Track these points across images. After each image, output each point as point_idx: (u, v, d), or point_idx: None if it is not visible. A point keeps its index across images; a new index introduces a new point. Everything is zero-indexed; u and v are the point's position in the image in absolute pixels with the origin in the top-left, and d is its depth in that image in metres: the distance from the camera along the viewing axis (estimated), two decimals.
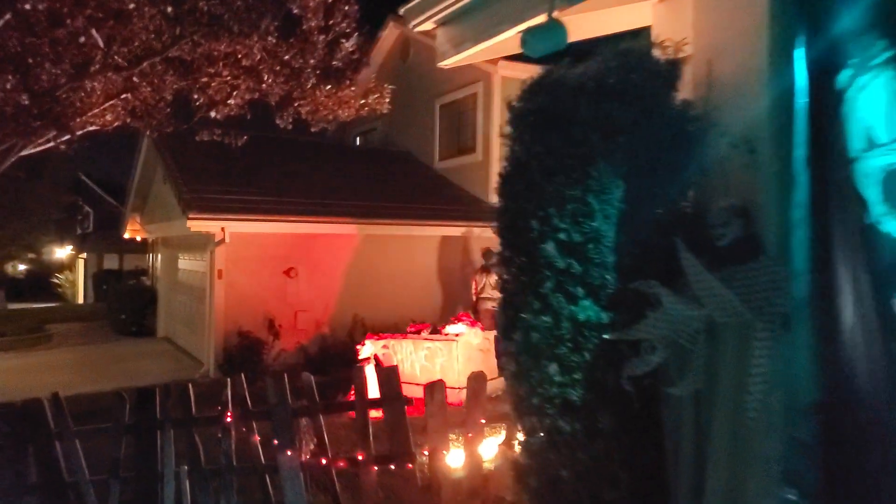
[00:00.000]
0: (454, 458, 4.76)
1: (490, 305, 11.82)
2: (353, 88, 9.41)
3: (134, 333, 15.42)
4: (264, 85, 8.78)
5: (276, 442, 4.68)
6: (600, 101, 2.86)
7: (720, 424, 2.62)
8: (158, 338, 15.17)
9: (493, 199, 11.98)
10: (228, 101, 9.18)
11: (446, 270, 12.89)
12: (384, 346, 8.49)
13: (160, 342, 14.69)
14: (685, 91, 3.08)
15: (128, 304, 15.99)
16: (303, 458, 4.76)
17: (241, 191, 11.66)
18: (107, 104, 8.71)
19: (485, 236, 13.13)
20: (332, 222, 11.65)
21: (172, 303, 14.90)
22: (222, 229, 10.64)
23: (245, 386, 4.78)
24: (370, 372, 8.15)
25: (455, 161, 15.19)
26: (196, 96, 9.13)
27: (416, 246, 12.61)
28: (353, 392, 8.15)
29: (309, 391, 4.73)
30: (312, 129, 10.10)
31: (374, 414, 4.66)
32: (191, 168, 12.24)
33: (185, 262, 13.87)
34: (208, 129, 9.89)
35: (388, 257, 12.28)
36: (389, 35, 17.45)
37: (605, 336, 2.96)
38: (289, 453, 4.66)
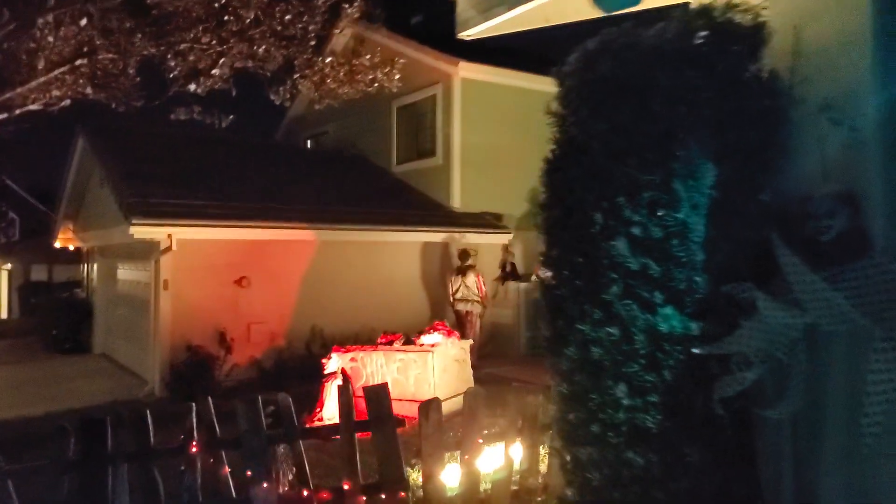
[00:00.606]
0: (451, 480, 4.28)
1: (465, 308, 11.50)
2: (366, 57, 8.46)
3: (67, 350, 14.27)
4: (262, 50, 7.59)
5: (248, 473, 4.09)
6: (683, 68, 2.41)
7: (830, 454, 2.20)
8: (95, 354, 14.11)
9: (456, 203, 11.54)
10: (213, 72, 7.88)
11: (411, 277, 12.37)
12: (352, 360, 7.91)
13: (97, 359, 13.64)
14: (767, 61, 2.67)
15: (60, 318, 14.81)
16: (280, 491, 4.19)
17: (188, 195, 10.89)
18: (56, 72, 7.31)
19: (449, 242, 12.73)
20: (287, 227, 10.99)
21: (111, 316, 13.89)
22: (169, 236, 9.86)
23: (213, 411, 4.17)
24: (333, 390, 7.67)
25: (414, 165, 14.71)
26: (173, 63, 7.82)
27: (378, 252, 12.05)
28: (318, 409, 7.63)
29: (286, 414, 4.15)
30: (316, 106, 8.89)
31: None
32: (132, 171, 11.41)
33: (125, 273, 12.93)
34: (185, 106, 8.51)
35: (347, 264, 11.69)
36: (341, 37, 16.86)
37: (694, 350, 2.47)
38: (264, 486, 4.08)
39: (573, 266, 2.63)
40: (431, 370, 7.28)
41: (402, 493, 4.05)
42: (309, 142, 18.86)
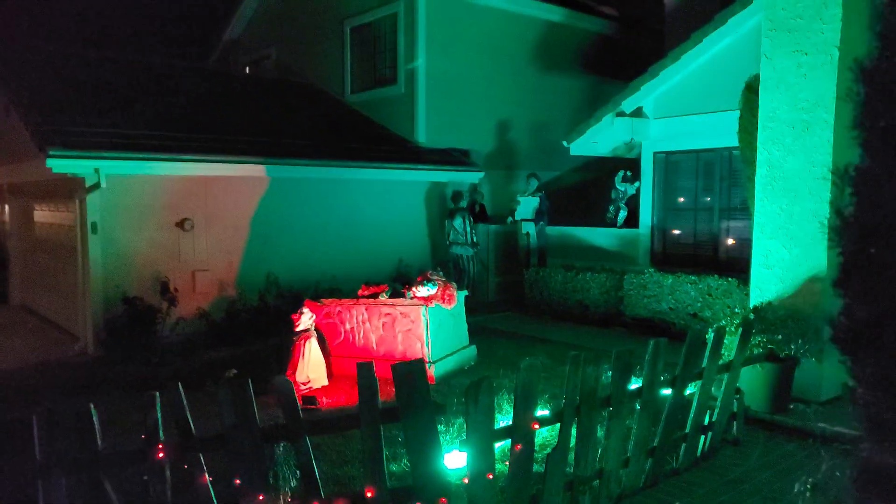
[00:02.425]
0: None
1: (455, 252, 10.69)
2: None
3: None
4: None
5: (237, 482, 3.08)
6: None
7: None
8: (13, 306, 12.51)
9: (420, 138, 10.44)
10: None
11: (374, 221, 11.22)
12: (327, 315, 6.86)
13: (16, 312, 12.07)
14: None
15: None
16: None
17: (117, 123, 9.34)
18: None
19: (419, 181, 11.61)
20: (234, 162, 9.63)
21: (30, 264, 12.25)
22: (96, 171, 8.40)
23: (184, 402, 3.08)
24: (313, 347, 6.63)
25: (371, 94, 13.34)
26: None
27: (337, 192, 10.81)
28: (290, 372, 6.59)
29: (289, 404, 3.12)
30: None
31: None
32: (45, 96, 9.73)
33: (43, 215, 11.27)
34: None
35: (302, 205, 10.44)
36: None
37: None
38: (260, 498, 3.07)
39: None
40: (425, 326, 6.32)
41: (443, 500, 3.13)
42: (248, 68, 17.07)
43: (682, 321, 8.46)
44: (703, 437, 4.54)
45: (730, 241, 9.71)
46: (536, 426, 3.41)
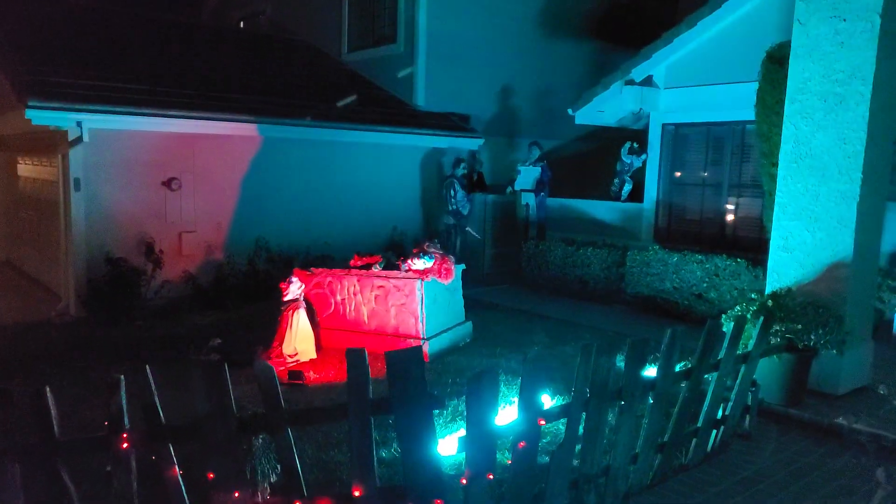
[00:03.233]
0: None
1: (449, 221, 10.42)
2: None
3: None
4: None
5: (210, 476, 2.77)
6: None
7: None
8: None
9: (420, 101, 9.96)
10: None
11: (370, 186, 10.81)
12: (317, 285, 6.52)
13: (0, 269, 11.70)
14: None
15: None
16: (259, 501, 2.90)
17: (102, 76, 8.86)
18: None
19: (417, 146, 11.19)
20: (226, 120, 9.19)
21: (14, 219, 11.84)
22: (78, 124, 7.97)
23: (153, 387, 2.75)
24: (301, 318, 6.31)
25: (369, 53, 12.81)
26: None
27: (332, 155, 10.38)
28: (277, 344, 6.27)
29: (270, 392, 2.79)
30: None
31: None
32: (29, 45, 9.23)
33: (27, 169, 10.82)
34: None
35: (296, 168, 10.02)
36: None
37: None
38: (235, 495, 2.77)
39: None
40: (420, 301, 5.98)
41: (439, 501, 2.83)
42: (242, 23, 16.44)
43: (687, 301, 8.16)
44: (714, 431, 4.26)
45: (738, 220, 9.38)
46: (543, 422, 3.10)
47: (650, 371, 3.82)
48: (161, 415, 2.76)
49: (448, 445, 3.64)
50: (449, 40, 11.90)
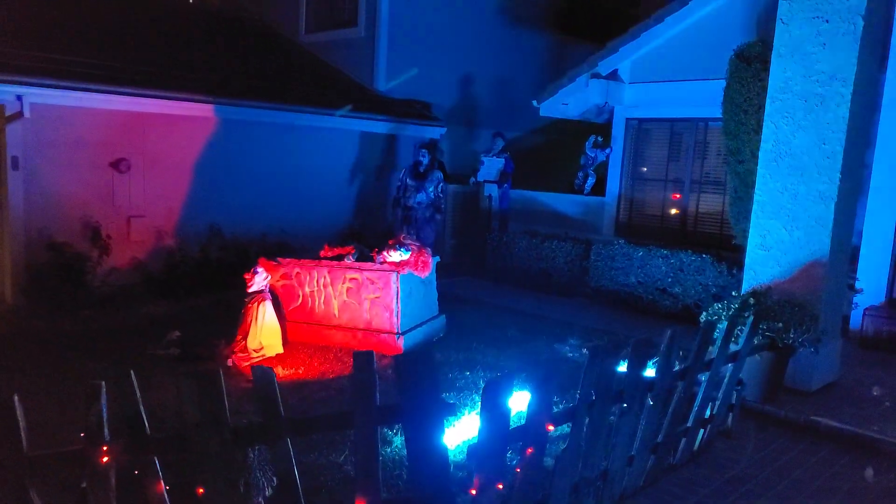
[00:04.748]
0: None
1: (414, 214, 10.07)
2: None
3: None
4: None
5: (200, 491, 2.54)
6: None
7: None
8: None
9: (380, 86, 9.70)
10: None
11: (330, 172, 10.48)
12: (284, 276, 6.24)
13: None
14: None
15: None
16: None
17: (47, 48, 8.27)
18: None
19: (377, 133, 10.91)
20: (178, 99, 8.72)
21: None
22: (18, 98, 7.42)
23: (138, 394, 2.49)
24: (268, 311, 6.02)
25: (328, 35, 12.41)
26: None
27: (290, 140, 10.01)
28: (240, 338, 5.95)
29: (266, 394, 2.57)
30: None
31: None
32: None
33: None
34: None
35: (251, 152, 9.62)
36: None
37: None
38: None
39: None
40: (395, 294, 5.78)
41: None
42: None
43: (651, 296, 8.21)
44: (702, 430, 4.24)
45: (700, 216, 9.50)
46: (551, 428, 2.98)
47: (647, 372, 3.76)
48: (146, 425, 2.51)
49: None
50: (411, 26, 11.64)
